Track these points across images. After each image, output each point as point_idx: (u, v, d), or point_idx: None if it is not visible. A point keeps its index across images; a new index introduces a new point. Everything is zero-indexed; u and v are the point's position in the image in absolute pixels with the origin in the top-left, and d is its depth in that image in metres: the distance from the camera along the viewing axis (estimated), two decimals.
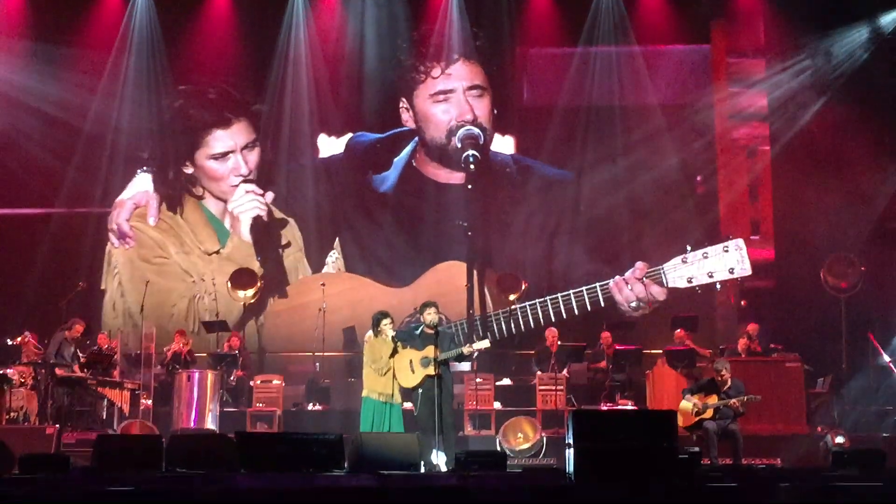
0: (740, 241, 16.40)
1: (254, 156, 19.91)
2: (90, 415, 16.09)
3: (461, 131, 19.44)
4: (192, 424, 15.65)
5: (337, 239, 20.00)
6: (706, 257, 16.35)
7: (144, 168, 20.02)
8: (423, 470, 11.66)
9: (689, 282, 16.52)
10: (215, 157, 19.85)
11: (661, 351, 17.42)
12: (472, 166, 18.97)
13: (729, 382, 14.53)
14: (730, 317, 19.06)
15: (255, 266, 19.68)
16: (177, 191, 20.00)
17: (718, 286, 16.69)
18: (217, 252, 19.87)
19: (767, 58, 19.50)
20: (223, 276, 19.63)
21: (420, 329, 13.35)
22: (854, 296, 18.07)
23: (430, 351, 13.02)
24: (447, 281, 18.76)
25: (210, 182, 20.00)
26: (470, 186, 18.67)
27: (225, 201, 19.98)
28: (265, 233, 19.85)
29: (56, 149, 19.52)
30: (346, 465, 11.00)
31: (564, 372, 16.97)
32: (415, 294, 18.63)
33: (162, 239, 19.90)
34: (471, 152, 19.15)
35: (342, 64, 20.12)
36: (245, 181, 19.81)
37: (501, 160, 19.93)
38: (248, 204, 19.77)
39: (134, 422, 15.64)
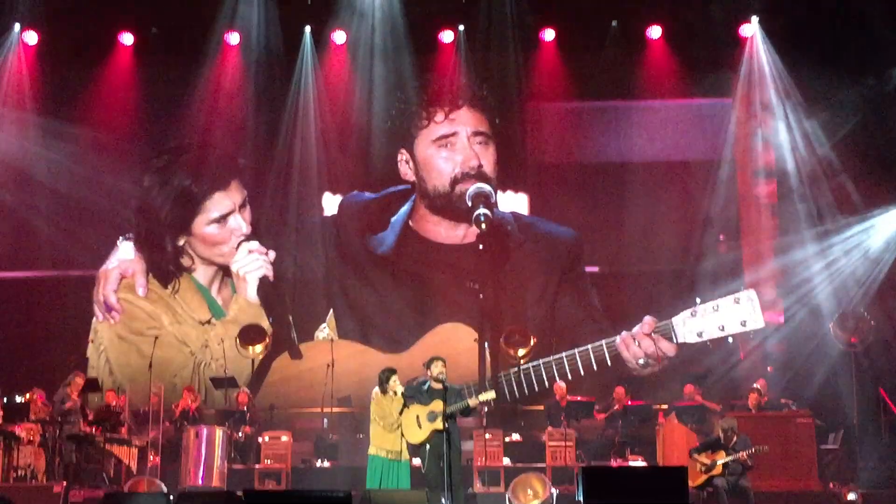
0: (752, 293, 16.23)
1: (247, 213, 19.65)
2: (98, 472, 16.04)
3: (472, 189, 19.10)
4: (199, 482, 15.56)
5: (331, 311, 19.67)
6: (716, 310, 16.18)
7: (127, 236, 19.73)
8: None
9: (700, 336, 16.32)
10: (216, 222, 19.49)
11: (666, 406, 17.36)
12: (483, 225, 18.49)
13: (735, 437, 14.46)
14: (741, 372, 18.87)
15: (266, 326, 19.47)
16: (173, 266, 19.60)
17: (731, 339, 16.50)
18: (209, 322, 19.53)
19: (783, 110, 19.44)
20: (230, 341, 19.33)
21: (427, 384, 13.29)
22: (864, 350, 17.95)
23: (437, 405, 12.93)
24: (447, 343, 18.38)
25: (208, 248, 19.60)
26: (481, 247, 18.22)
27: (218, 266, 19.72)
28: (272, 293, 19.59)
29: (57, 218, 19.59)
30: None
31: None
32: (414, 359, 18.20)
33: (154, 310, 19.52)
34: (482, 211, 18.65)
35: (349, 123, 19.99)
36: (245, 240, 19.55)
37: (502, 217, 19.64)
38: (254, 264, 19.43)
39: (142, 479, 15.56)
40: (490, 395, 13.27)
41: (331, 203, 20.12)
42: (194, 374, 19.21)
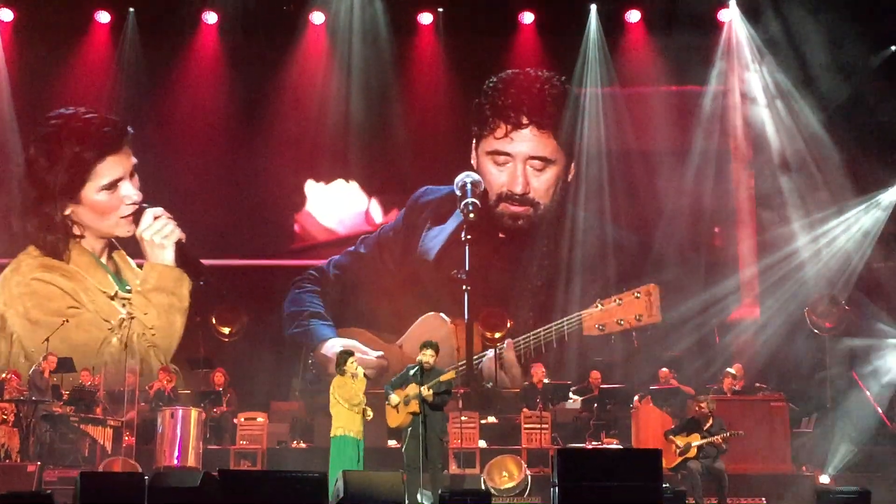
0: (653, 287, 16.46)
1: (136, 182, 19.41)
2: (72, 452, 15.99)
3: (459, 177, 19.14)
4: (175, 462, 15.54)
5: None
6: (619, 304, 16.40)
7: None
8: None
9: (601, 329, 16.56)
10: (107, 188, 19.28)
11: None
12: (471, 214, 18.47)
13: (711, 420, 14.55)
14: (717, 356, 18.93)
15: (187, 290, 19.30)
16: (62, 236, 19.28)
17: (634, 334, 16.67)
18: (115, 295, 19.24)
19: (766, 94, 19.34)
20: (155, 309, 19.12)
21: (415, 370, 13.39)
22: (839, 335, 18.03)
23: (412, 389, 13.16)
24: (429, 334, 17.99)
25: (97, 218, 19.38)
26: (469, 237, 17.98)
27: (106, 239, 19.48)
28: (187, 256, 19.39)
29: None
30: None
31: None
32: (405, 349, 18.51)
33: (73, 287, 19.21)
34: (470, 199, 18.69)
35: (327, 105, 19.74)
36: (139, 207, 19.32)
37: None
38: (167, 228, 19.26)
39: (117, 459, 15.52)
40: (448, 376, 13.46)
41: (313, 190, 19.94)
42: (123, 346, 18.84)
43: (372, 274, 19.68)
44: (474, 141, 19.76)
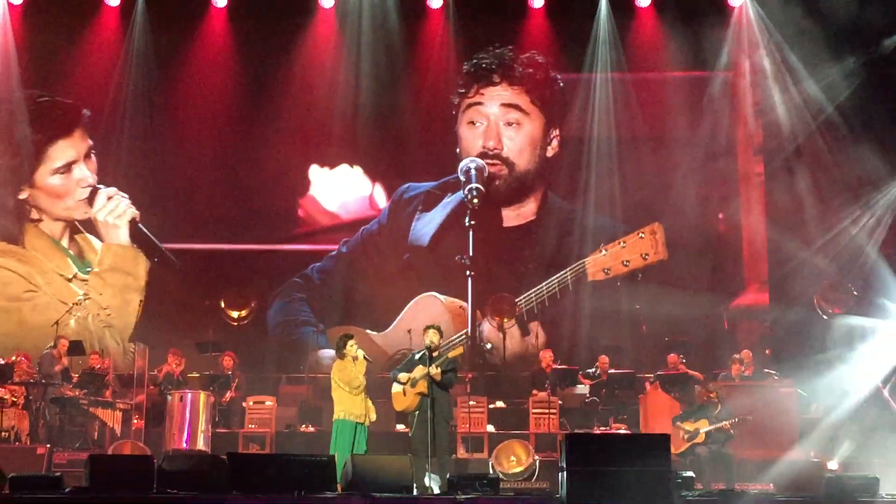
0: (657, 226, 16.45)
1: (93, 164, 19.36)
2: (82, 435, 16.04)
3: (463, 163, 19.12)
4: (184, 445, 15.56)
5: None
6: (623, 246, 16.42)
7: None
8: (415, 493, 11.62)
9: (606, 273, 16.55)
10: (60, 171, 19.23)
11: (651, 375, 17.42)
12: (475, 200, 18.49)
13: (719, 406, 14.55)
14: (725, 342, 18.92)
15: (143, 269, 19.20)
16: (16, 220, 19.25)
17: (640, 276, 16.66)
18: (74, 277, 19.15)
19: (776, 80, 19.25)
20: (111, 289, 19.10)
21: (421, 354, 13.39)
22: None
23: (419, 371, 13.14)
24: (424, 315, 18.37)
25: (52, 202, 19.34)
26: (473, 222, 18.06)
27: (65, 222, 19.43)
28: (140, 234, 19.30)
29: None
30: (337, 487, 10.97)
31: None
32: (398, 333, 18.47)
33: (29, 271, 19.10)
34: (475, 185, 18.67)
35: (336, 90, 19.69)
36: (94, 189, 19.24)
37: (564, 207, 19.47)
38: (121, 207, 19.20)
39: (126, 442, 15.58)
40: (456, 351, 13.48)
41: (318, 175, 19.93)
42: (81, 327, 18.86)
43: (359, 272, 19.68)
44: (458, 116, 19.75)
